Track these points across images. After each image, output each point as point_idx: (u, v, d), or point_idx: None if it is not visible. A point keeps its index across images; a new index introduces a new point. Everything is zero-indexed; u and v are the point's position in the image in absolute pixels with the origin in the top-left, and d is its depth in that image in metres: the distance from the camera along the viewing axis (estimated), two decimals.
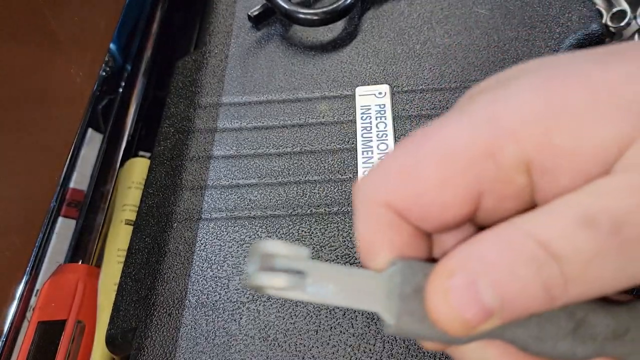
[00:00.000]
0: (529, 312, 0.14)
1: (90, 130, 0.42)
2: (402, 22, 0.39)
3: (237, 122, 0.36)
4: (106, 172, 0.41)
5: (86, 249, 0.38)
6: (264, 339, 0.28)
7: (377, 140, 0.34)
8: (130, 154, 0.42)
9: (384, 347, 0.27)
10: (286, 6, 0.37)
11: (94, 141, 0.42)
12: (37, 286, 0.35)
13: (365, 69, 0.37)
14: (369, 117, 0.34)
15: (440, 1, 0.39)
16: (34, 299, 0.34)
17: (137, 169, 0.40)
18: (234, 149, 0.35)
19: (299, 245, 0.15)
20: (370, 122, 0.34)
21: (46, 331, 0.32)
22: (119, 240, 0.37)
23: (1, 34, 0.37)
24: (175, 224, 0.33)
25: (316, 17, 0.37)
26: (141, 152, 0.43)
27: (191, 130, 0.36)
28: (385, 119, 0.34)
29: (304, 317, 0.29)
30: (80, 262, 0.37)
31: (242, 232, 0.32)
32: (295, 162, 0.34)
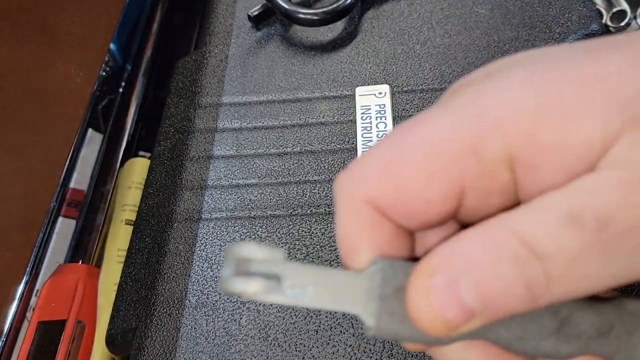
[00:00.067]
0: (512, 312, 0.14)
1: (90, 130, 0.42)
2: (402, 22, 0.39)
3: (237, 122, 0.36)
4: (106, 172, 0.41)
5: (86, 249, 0.38)
6: (264, 339, 0.28)
7: (377, 140, 0.34)
8: (130, 154, 0.42)
9: (384, 347, 0.27)
10: (286, 6, 0.37)
11: (94, 141, 0.42)
12: (37, 286, 0.35)
13: (365, 69, 0.37)
14: (369, 117, 0.34)
15: (440, 1, 0.39)
16: (34, 299, 0.34)
17: (137, 169, 0.40)
18: (234, 149, 0.35)
19: (274, 247, 0.14)
20: (370, 122, 0.34)
21: (46, 331, 0.32)
22: (119, 240, 0.37)
23: (1, 33, 0.37)
24: (175, 224, 0.33)
25: (316, 17, 0.37)
26: (141, 152, 0.43)
27: (191, 130, 0.36)
28: (385, 119, 0.34)
29: (304, 317, 0.29)
30: (80, 262, 0.37)
31: (242, 232, 0.32)
32: (295, 162, 0.34)
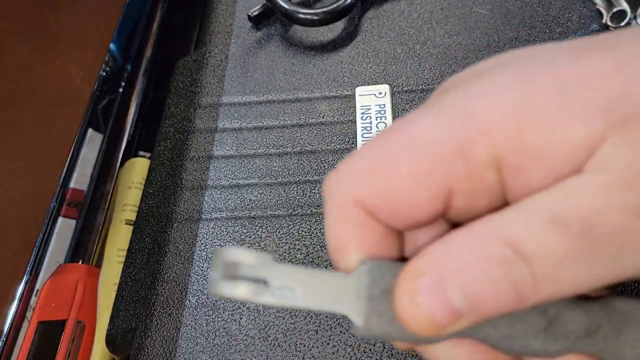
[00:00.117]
0: (499, 313, 0.14)
1: (90, 130, 0.42)
2: (402, 22, 0.39)
3: (237, 122, 0.36)
4: (106, 172, 0.41)
5: (86, 249, 0.38)
6: (264, 339, 0.28)
7: None
8: (130, 154, 0.42)
9: (384, 347, 0.27)
10: (286, 6, 0.37)
11: (94, 141, 0.42)
12: (37, 286, 0.35)
13: (365, 69, 0.37)
14: (369, 117, 0.34)
15: (440, 1, 0.39)
16: (34, 299, 0.34)
17: (137, 169, 0.40)
18: (234, 149, 0.35)
19: (261, 251, 0.15)
20: (370, 122, 0.34)
21: (46, 331, 0.32)
22: (119, 240, 0.37)
23: (1, 33, 0.37)
24: (175, 224, 0.33)
25: (316, 17, 0.37)
26: (141, 152, 0.43)
27: (191, 130, 0.36)
28: (385, 119, 0.34)
29: (304, 317, 0.29)
30: (80, 262, 0.37)
31: (242, 232, 0.32)
32: (295, 162, 0.34)
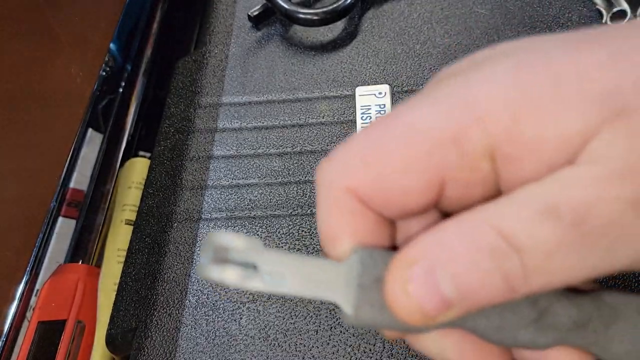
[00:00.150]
0: (489, 303, 0.14)
1: (90, 130, 0.42)
2: (402, 22, 0.39)
3: (237, 122, 0.36)
4: (106, 172, 0.41)
5: (86, 249, 0.38)
6: (264, 339, 0.28)
7: None
8: (130, 154, 0.42)
9: (384, 347, 0.27)
10: (286, 6, 0.37)
11: (94, 141, 0.42)
12: (37, 286, 0.35)
13: (365, 69, 0.37)
14: (369, 117, 0.34)
15: (440, 1, 0.39)
16: (34, 299, 0.34)
17: (137, 169, 0.40)
18: (234, 149, 0.35)
19: (252, 236, 0.15)
20: (370, 122, 0.34)
21: (46, 331, 0.32)
22: (119, 240, 0.37)
23: (1, 33, 0.37)
24: (175, 224, 0.33)
25: (316, 17, 0.37)
26: (141, 152, 0.43)
27: (191, 130, 0.36)
28: None
29: (304, 317, 0.29)
30: (80, 262, 0.37)
31: (242, 232, 0.32)
32: (295, 162, 0.34)
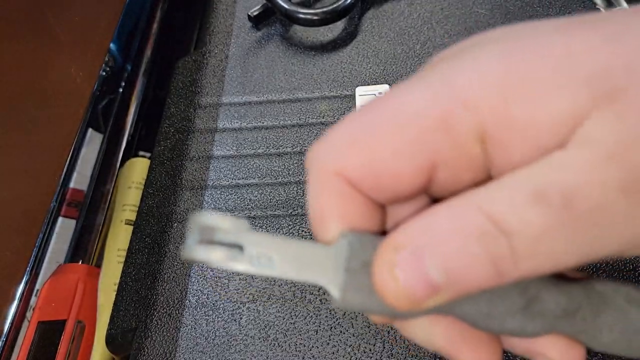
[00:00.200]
0: (478, 288, 0.14)
1: (90, 130, 0.42)
2: (402, 22, 0.39)
3: (237, 122, 0.36)
4: (106, 172, 0.41)
5: (86, 249, 0.38)
6: (264, 339, 0.28)
7: None
8: (130, 154, 0.42)
9: (384, 347, 0.27)
10: (286, 6, 0.37)
11: (94, 141, 0.42)
12: (37, 286, 0.35)
13: (365, 69, 0.37)
14: None
15: (440, 1, 0.39)
16: (34, 299, 0.34)
17: (137, 169, 0.40)
18: (234, 149, 0.35)
19: (238, 218, 0.15)
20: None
21: (46, 331, 0.32)
22: (119, 240, 0.37)
23: (2, 33, 0.37)
24: (175, 224, 0.33)
25: (316, 17, 0.37)
26: (141, 152, 0.43)
27: (191, 130, 0.36)
28: None
29: (304, 317, 0.29)
30: (80, 262, 0.37)
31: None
32: (295, 162, 0.34)
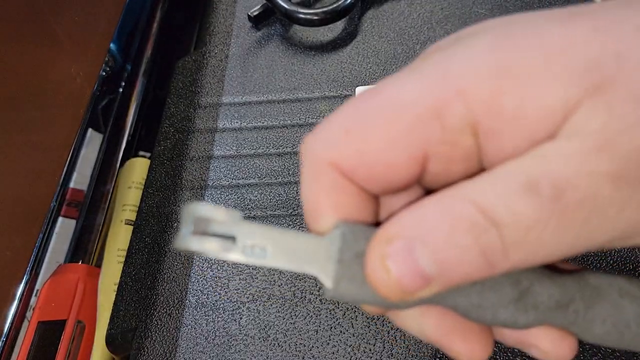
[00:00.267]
0: (469, 279, 0.14)
1: (90, 130, 0.42)
2: (402, 22, 0.39)
3: (237, 122, 0.36)
4: (106, 172, 0.41)
5: (86, 249, 0.38)
6: (264, 339, 0.28)
7: None
8: (130, 154, 0.42)
9: (384, 347, 0.27)
10: (286, 6, 0.37)
11: (94, 141, 0.42)
12: (37, 286, 0.35)
13: (365, 69, 0.37)
14: None
15: (440, 1, 0.39)
16: (34, 299, 0.34)
17: (137, 169, 0.40)
18: (234, 149, 0.35)
19: (231, 209, 0.15)
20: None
21: (46, 331, 0.32)
22: (119, 240, 0.37)
23: (2, 34, 0.37)
24: (175, 224, 0.33)
25: (316, 17, 0.37)
26: (141, 152, 0.43)
27: (191, 130, 0.36)
28: None
29: (304, 317, 0.29)
30: (80, 262, 0.37)
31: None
32: (295, 162, 0.34)
